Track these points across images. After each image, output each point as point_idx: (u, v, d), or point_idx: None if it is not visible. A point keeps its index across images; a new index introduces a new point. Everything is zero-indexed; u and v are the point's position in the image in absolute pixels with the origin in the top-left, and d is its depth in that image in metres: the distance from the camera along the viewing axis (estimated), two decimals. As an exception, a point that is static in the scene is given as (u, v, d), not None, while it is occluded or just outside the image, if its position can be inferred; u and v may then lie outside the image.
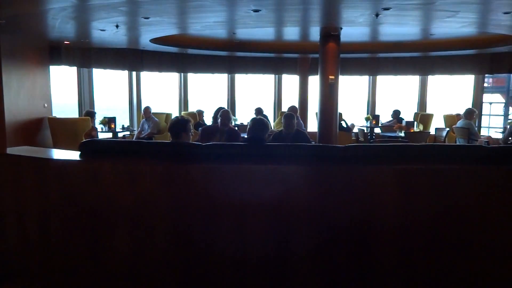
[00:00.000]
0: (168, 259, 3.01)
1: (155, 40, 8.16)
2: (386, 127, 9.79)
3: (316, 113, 8.29)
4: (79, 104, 9.91)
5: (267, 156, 3.20)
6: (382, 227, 2.92)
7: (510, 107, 12.37)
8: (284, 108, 10.83)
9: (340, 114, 9.27)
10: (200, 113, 9.68)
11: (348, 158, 3.09)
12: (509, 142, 7.85)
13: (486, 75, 10.92)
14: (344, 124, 9.65)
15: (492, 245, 2.93)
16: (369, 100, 11.74)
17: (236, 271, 2.98)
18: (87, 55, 9.30)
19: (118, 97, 17.03)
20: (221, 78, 11.98)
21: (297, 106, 9.66)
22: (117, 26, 6.14)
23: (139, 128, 9.46)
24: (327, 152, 3.16)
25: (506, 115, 12.18)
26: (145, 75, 11.25)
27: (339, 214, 2.92)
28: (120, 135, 9.16)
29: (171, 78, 12.91)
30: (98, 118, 8.70)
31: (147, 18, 5.54)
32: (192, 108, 11.20)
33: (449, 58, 10.29)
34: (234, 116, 11.27)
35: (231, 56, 10.97)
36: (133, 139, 8.97)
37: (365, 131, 9.81)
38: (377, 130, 10.20)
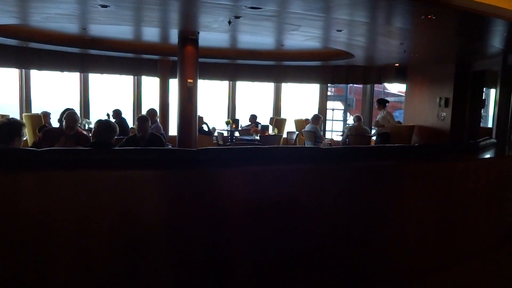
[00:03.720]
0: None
1: (-15, 29, 6.99)
2: (244, 131, 10.26)
3: (178, 117, 8.20)
4: None
5: (114, 161, 3.00)
6: (233, 226, 3.01)
7: (348, 113, 14.23)
8: (144, 111, 10.44)
9: (201, 118, 9.36)
10: (46, 115, 8.66)
11: (199, 161, 3.10)
12: (346, 143, 9.03)
13: (329, 84, 12.37)
14: (205, 128, 9.78)
15: (324, 234, 3.28)
16: (229, 105, 12.15)
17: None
18: None
19: None
20: (73, 77, 10.95)
21: (157, 109, 9.42)
22: None
23: (-35, 132, 7.96)
24: (178, 156, 3.12)
25: (345, 120, 13.98)
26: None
27: (190, 218, 2.90)
28: None
29: (11, 74, 11.27)
30: None
31: (-31, 2, 4.70)
32: (37, 109, 9.95)
33: (299, 68, 11.34)
34: (88, 118, 10.43)
35: (84, 54, 10.09)
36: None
37: (225, 134, 10.11)
38: (237, 134, 10.61)
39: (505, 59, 6.28)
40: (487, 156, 4.47)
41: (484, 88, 8.93)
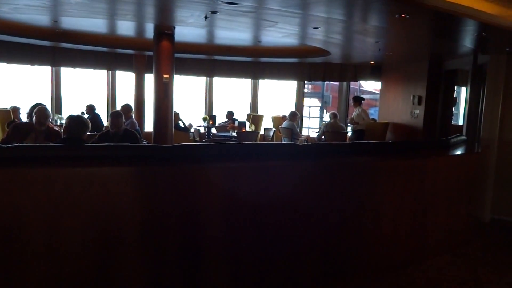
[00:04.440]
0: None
1: (-51, 20, 6.67)
2: (221, 127, 10.21)
3: (154, 113, 8.06)
4: None
5: (86, 157, 2.92)
6: (210, 223, 2.99)
7: (324, 110, 14.36)
8: (119, 106, 10.22)
9: (177, 114, 9.25)
10: (15, 110, 8.37)
11: (173, 158, 3.06)
12: (322, 139, 9.11)
13: (306, 81, 12.44)
14: (181, 124, 9.67)
15: (299, 229, 3.31)
16: (206, 101, 12.06)
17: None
18: None
19: None
20: (44, 71, 10.60)
21: (133, 105, 9.24)
22: None
23: None
24: (152, 152, 3.07)
25: (321, 117, 14.11)
26: None
27: (165, 215, 2.86)
28: None
29: (-23, 68, 10.80)
30: None
31: None
32: (5, 104, 9.60)
33: (276, 65, 11.36)
34: (60, 114, 10.15)
35: (56, 47, 9.78)
36: None
37: (202, 131, 10.03)
38: (214, 130, 10.54)
39: (475, 58, 6.46)
40: (458, 152, 4.60)
41: (456, 87, 9.18)
